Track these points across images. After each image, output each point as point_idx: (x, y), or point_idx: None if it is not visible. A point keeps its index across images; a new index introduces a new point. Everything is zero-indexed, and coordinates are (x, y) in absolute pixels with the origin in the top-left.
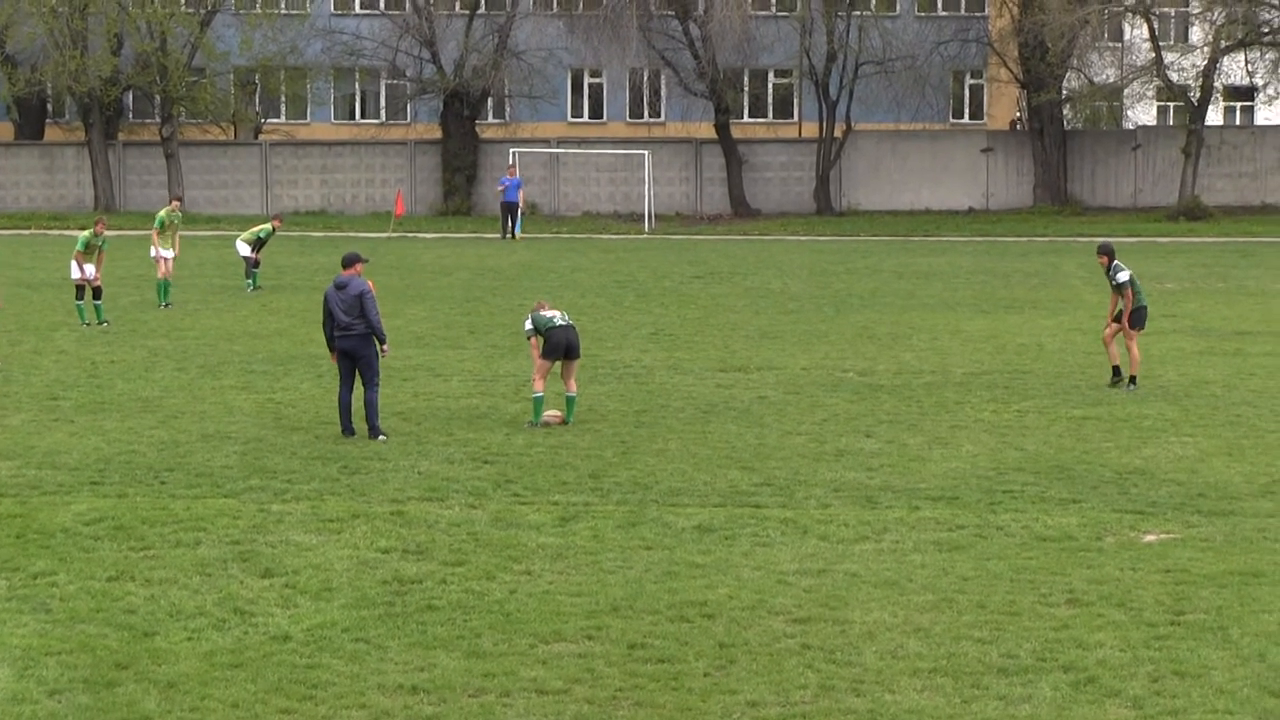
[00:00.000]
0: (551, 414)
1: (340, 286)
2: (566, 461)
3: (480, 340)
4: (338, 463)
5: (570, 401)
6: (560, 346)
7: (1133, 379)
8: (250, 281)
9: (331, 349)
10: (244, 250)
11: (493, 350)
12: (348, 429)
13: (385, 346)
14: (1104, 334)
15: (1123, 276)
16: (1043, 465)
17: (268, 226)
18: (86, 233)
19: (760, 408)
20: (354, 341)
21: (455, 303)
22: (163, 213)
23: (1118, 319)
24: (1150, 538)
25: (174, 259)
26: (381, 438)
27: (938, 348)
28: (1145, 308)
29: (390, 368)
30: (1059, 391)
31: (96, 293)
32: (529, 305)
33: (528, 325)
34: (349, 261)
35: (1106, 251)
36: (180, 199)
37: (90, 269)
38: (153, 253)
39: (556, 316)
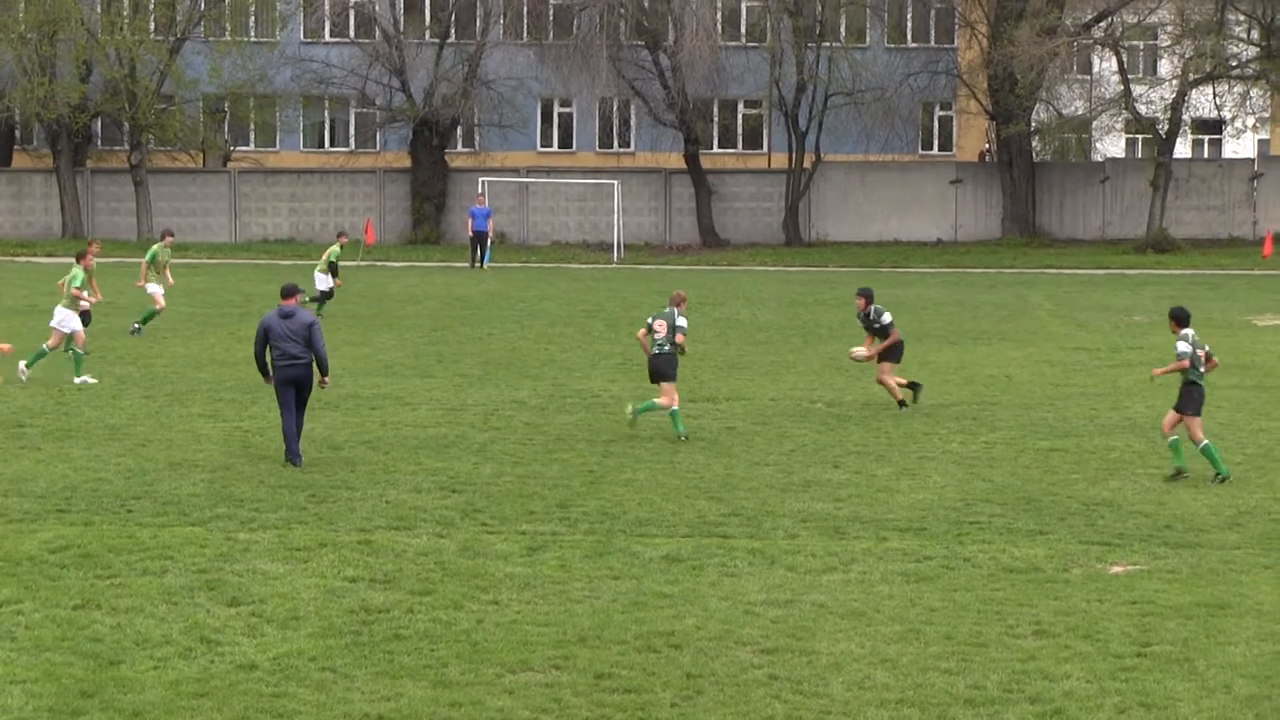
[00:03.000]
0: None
1: (286, 316)
2: (534, 491)
3: (449, 369)
4: (305, 491)
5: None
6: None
7: (901, 403)
8: (317, 307)
9: (265, 374)
10: (324, 284)
11: (461, 379)
12: (295, 457)
13: (327, 379)
14: (880, 377)
15: (887, 318)
16: (1010, 497)
17: (335, 248)
18: (155, 246)
19: (728, 438)
20: (301, 371)
21: (424, 331)
22: (155, 248)
23: (884, 356)
24: (1117, 569)
25: (163, 292)
26: (300, 462)
27: (906, 378)
28: (903, 342)
29: (358, 396)
30: (1027, 423)
31: (86, 316)
32: (498, 335)
33: (1183, 347)
34: (289, 292)
35: (866, 295)
36: (171, 234)
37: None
38: (149, 288)
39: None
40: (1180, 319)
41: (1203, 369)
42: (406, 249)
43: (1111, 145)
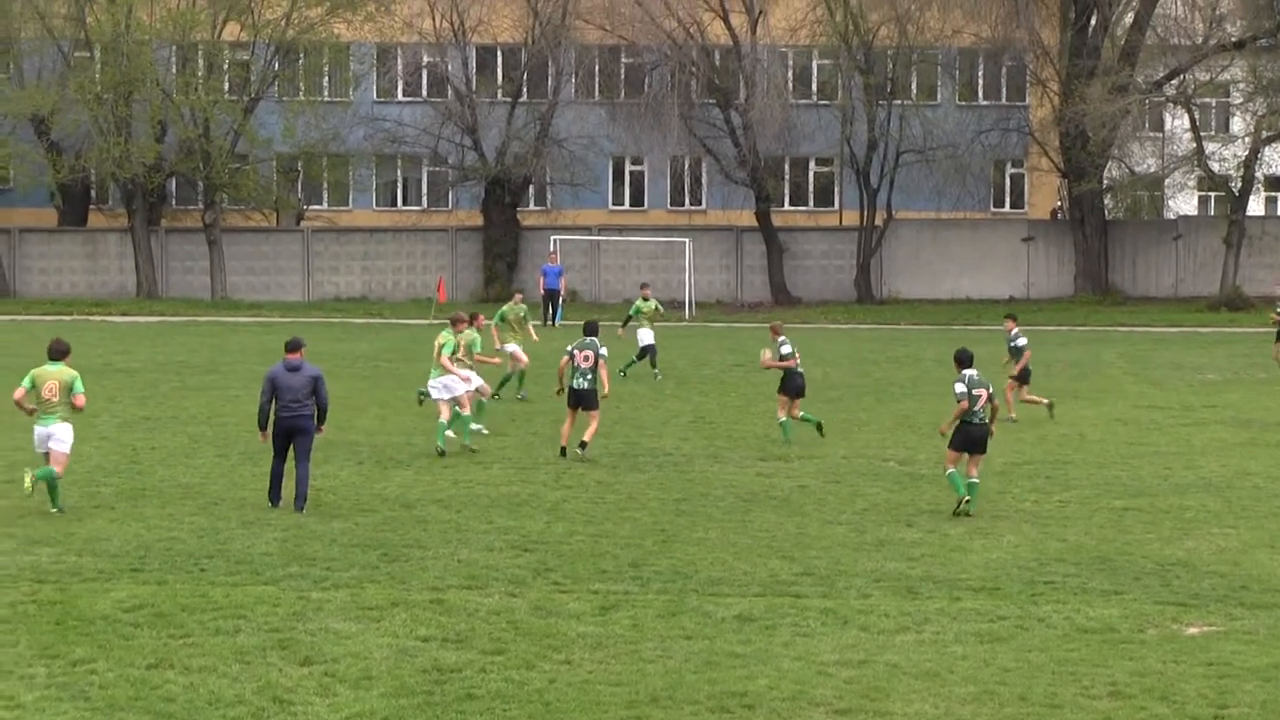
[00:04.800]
0: None
1: (293, 369)
2: (606, 550)
3: (521, 427)
4: (377, 550)
5: (972, 487)
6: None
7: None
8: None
9: (263, 426)
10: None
11: (533, 437)
12: (276, 499)
13: (323, 427)
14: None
15: (786, 349)
16: (1084, 556)
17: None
18: (505, 306)
19: (800, 497)
20: (299, 421)
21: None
22: (505, 307)
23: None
24: (1193, 630)
25: (522, 349)
26: (304, 511)
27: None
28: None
29: (431, 454)
30: (1100, 482)
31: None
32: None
33: (959, 388)
34: (295, 346)
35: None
36: (521, 293)
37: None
38: (509, 348)
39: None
40: (960, 360)
41: (977, 407)
42: (478, 307)
43: (1184, 203)
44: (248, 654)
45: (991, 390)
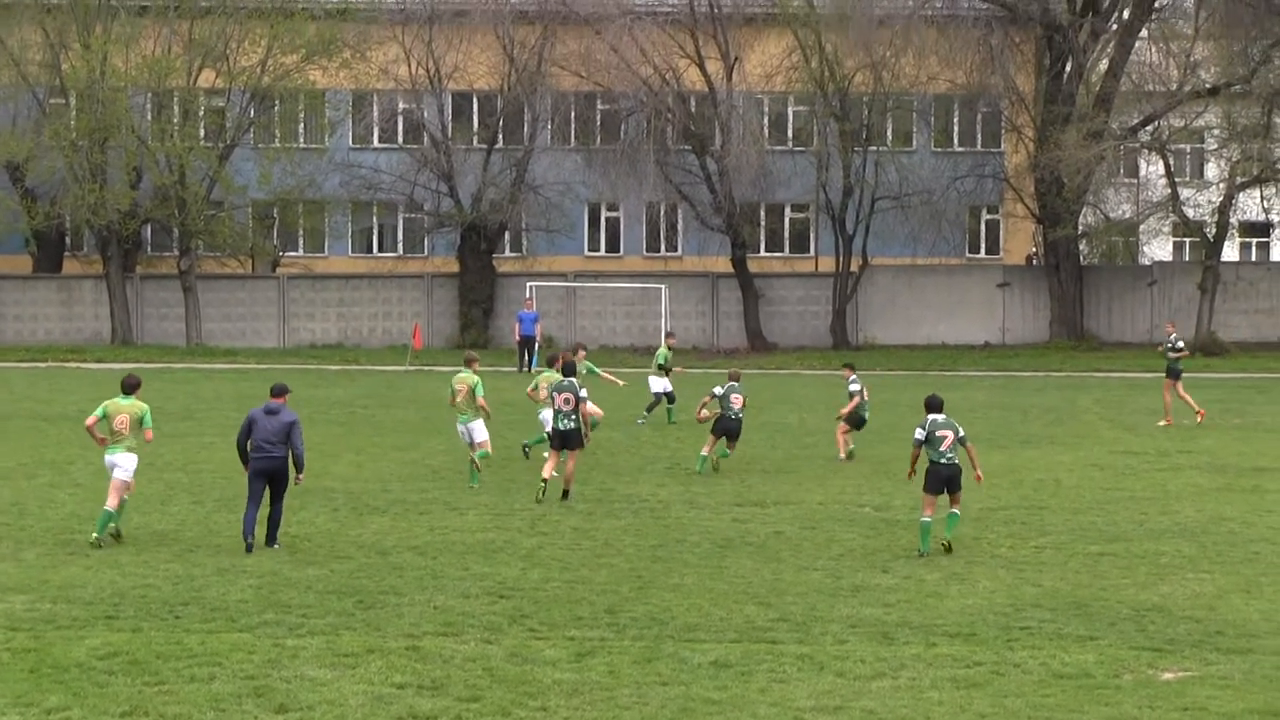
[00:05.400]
0: None
1: (272, 412)
2: (582, 596)
3: (496, 473)
4: (353, 597)
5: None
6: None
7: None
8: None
9: (245, 463)
10: (658, 386)
11: (509, 484)
12: (251, 544)
13: (301, 476)
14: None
15: (855, 387)
16: (1060, 601)
17: (664, 350)
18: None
19: (776, 543)
20: (274, 464)
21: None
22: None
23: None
24: (1168, 675)
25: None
26: (276, 546)
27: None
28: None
29: (406, 501)
30: (1076, 527)
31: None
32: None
33: (918, 433)
34: (280, 391)
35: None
36: (584, 348)
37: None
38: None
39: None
40: (929, 405)
41: (943, 448)
42: (454, 353)
43: (1159, 248)
44: (223, 701)
45: (962, 434)
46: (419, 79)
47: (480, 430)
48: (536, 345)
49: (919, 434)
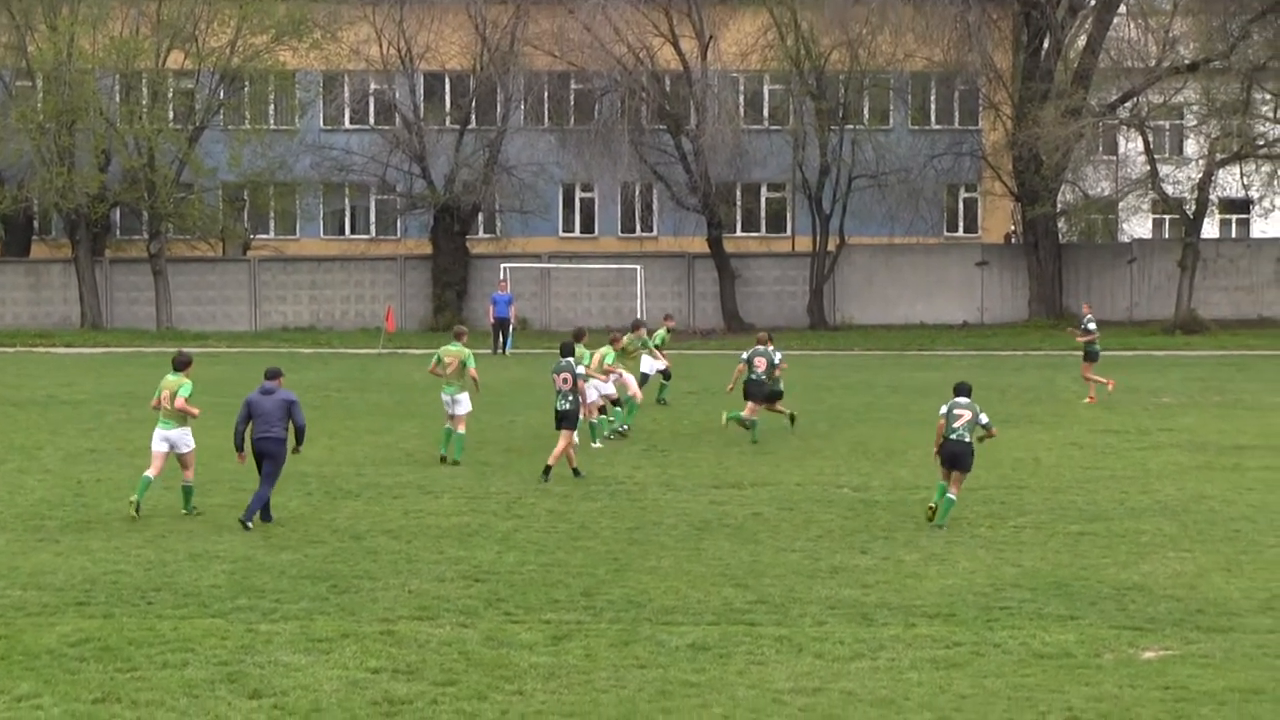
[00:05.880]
0: None
1: (267, 393)
2: (558, 579)
3: (471, 456)
4: (327, 581)
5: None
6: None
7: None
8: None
9: (240, 448)
10: (649, 366)
11: (484, 467)
12: (248, 518)
13: (300, 447)
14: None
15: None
16: (1040, 581)
17: (661, 332)
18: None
19: (754, 524)
20: (272, 444)
21: (446, 419)
22: (626, 339)
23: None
24: (1149, 654)
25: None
26: (249, 525)
27: (933, 463)
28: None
29: (380, 485)
30: (1055, 507)
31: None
32: (520, 421)
33: (942, 409)
34: (274, 374)
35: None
36: (643, 324)
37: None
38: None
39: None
40: (955, 390)
41: (956, 424)
42: (428, 336)
43: (1138, 226)
44: (196, 687)
45: (983, 419)
46: (390, 59)
47: (465, 403)
48: (511, 327)
49: (941, 410)
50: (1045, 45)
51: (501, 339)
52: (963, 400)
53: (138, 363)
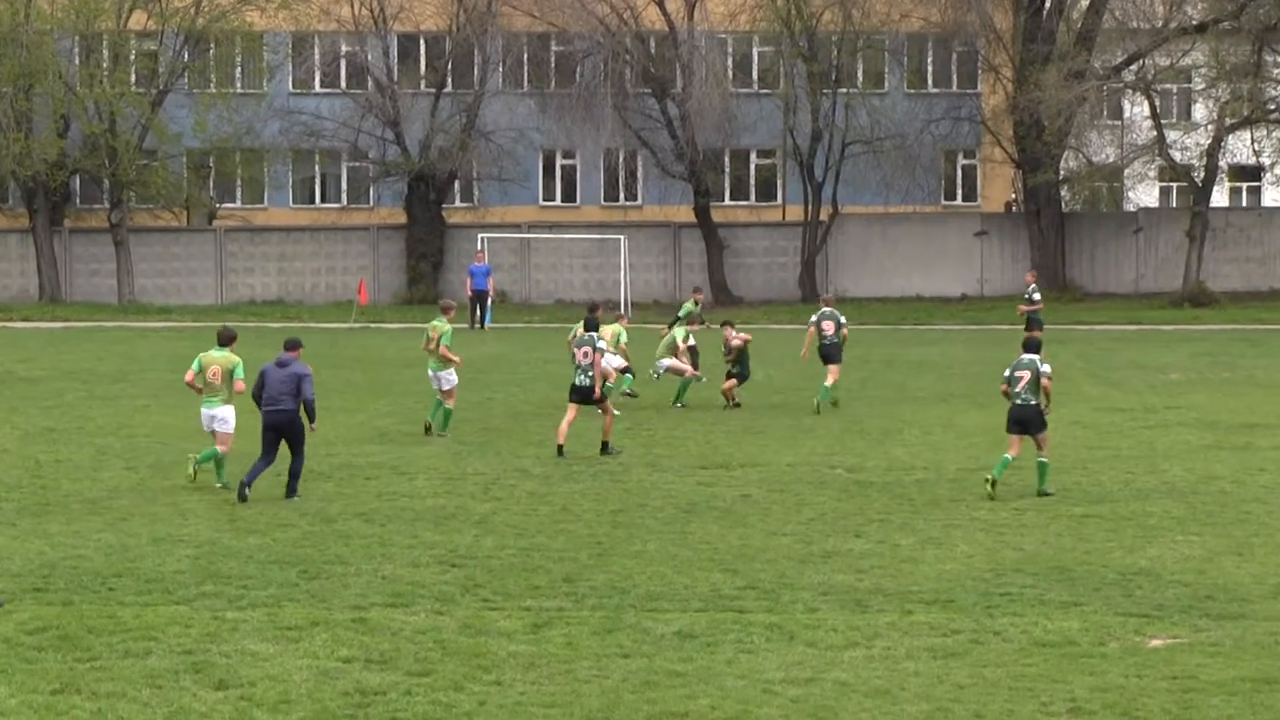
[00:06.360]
0: None
1: (282, 365)
2: (539, 564)
3: (447, 433)
4: (296, 567)
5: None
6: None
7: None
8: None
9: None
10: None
11: (460, 447)
12: (246, 495)
13: (314, 424)
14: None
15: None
16: (1042, 566)
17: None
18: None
19: (744, 507)
20: (281, 417)
21: (421, 396)
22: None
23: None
24: (1156, 642)
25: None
26: (295, 497)
27: (930, 442)
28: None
29: (352, 465)
30: (1058, 488)
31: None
32: (499, 399)
33: (1006, 372)
34: (293, 345)
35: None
36: (701, 290)
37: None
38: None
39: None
40: (1024, 346)
41: (1018, 389)
42: (402, 309)
43: (1145, 194)
44: (159, 678)
45: (1041, 371)
46: (362, 19)
47: (449, 378)
48: (490, 300)
49: (1006, 373)
50: (1047, 5)
51: (480, 313)
52: (1025, 358)
53: (99, 337)
